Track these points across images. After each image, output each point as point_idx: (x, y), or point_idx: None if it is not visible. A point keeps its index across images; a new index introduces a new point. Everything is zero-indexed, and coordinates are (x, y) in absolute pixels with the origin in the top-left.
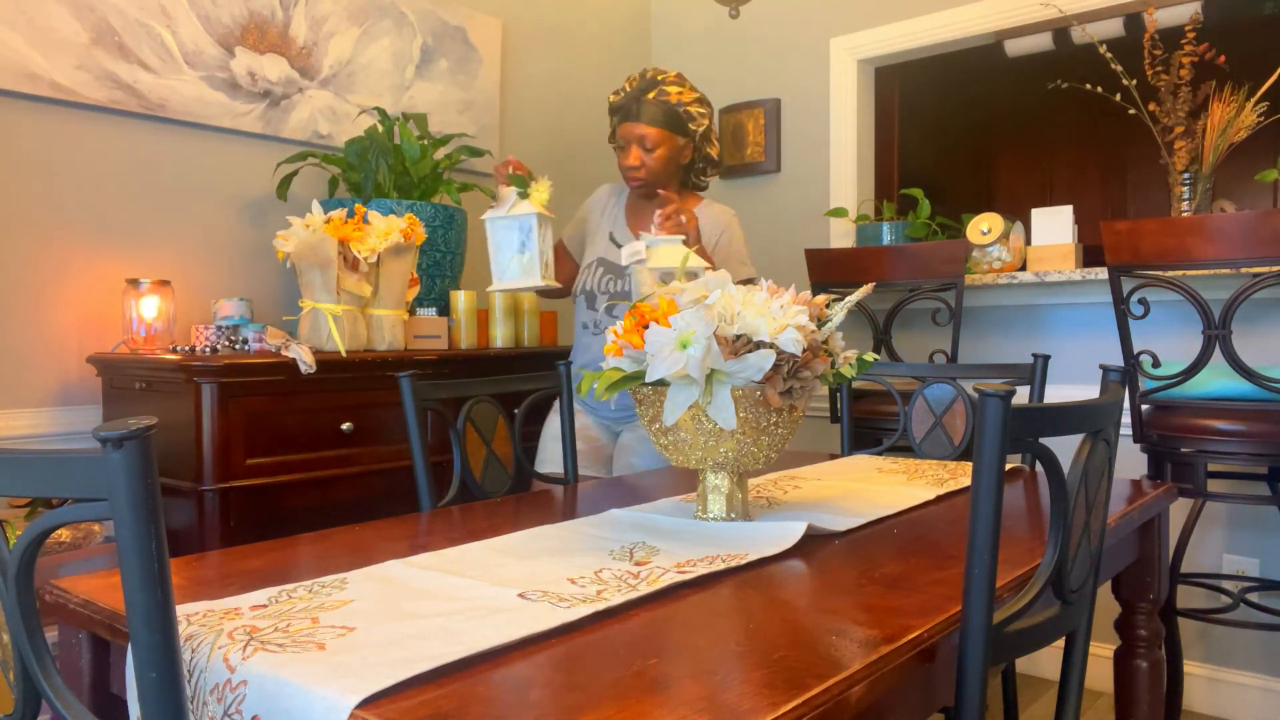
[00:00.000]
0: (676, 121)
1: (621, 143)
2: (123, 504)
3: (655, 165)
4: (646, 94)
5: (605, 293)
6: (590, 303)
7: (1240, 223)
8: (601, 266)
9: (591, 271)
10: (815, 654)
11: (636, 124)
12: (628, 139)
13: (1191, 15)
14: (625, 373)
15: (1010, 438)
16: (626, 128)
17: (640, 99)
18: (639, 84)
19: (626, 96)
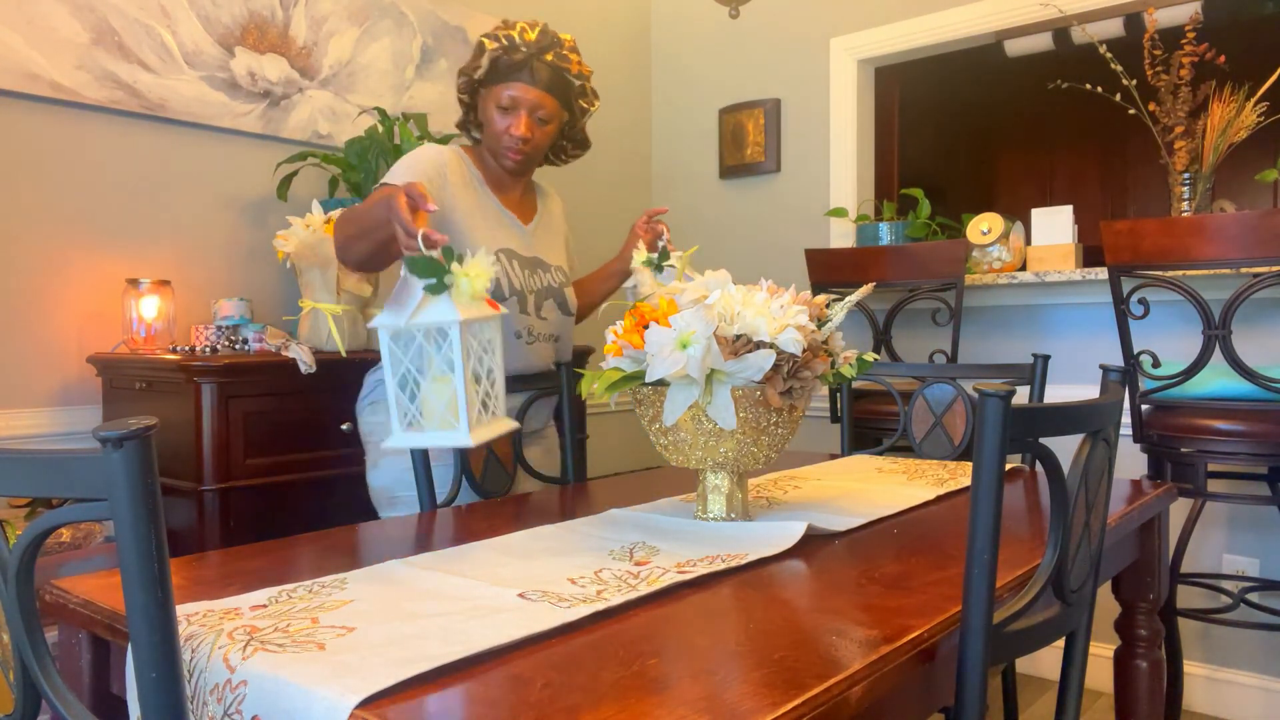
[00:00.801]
0: (572, 96)
1: (506, 104)
2: (123, 504)
3: (542, 141)
4: (546, 54)
5: (533, 290)
6: (523, 304)
7: (1240, 223)
8: (515, 259)
9: (506, 265)
10: (815, 654)
11: (532, 88)
12: (517, 103)
13: (1191, 15)
14: (625, 373)
15: (1010, 438)
16: (520, 89)
17: (539, 58)
18: (538, 40)
19: (525, 50)
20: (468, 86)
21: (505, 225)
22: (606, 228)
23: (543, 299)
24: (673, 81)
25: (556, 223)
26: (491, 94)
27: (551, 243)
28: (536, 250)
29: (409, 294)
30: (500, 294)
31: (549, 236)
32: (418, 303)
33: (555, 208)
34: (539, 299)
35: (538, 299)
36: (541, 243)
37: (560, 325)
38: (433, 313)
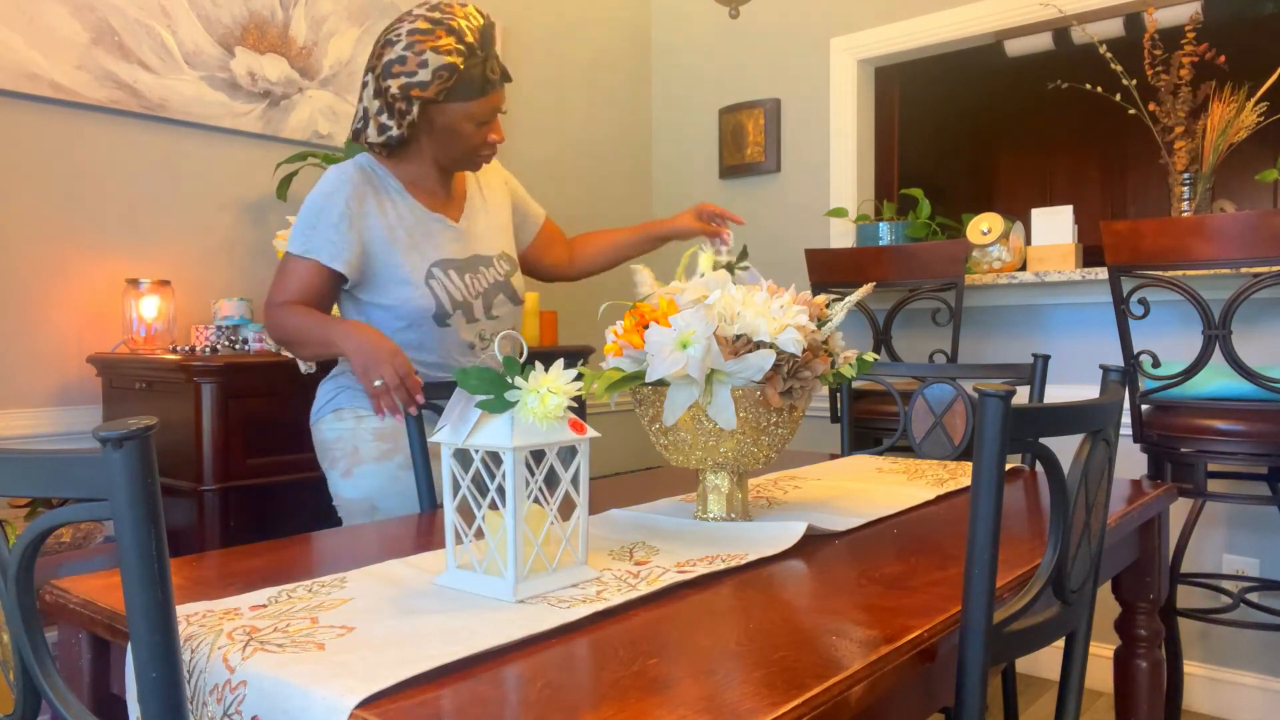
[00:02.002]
0: None
1: (485, 117)
2: (123, 504)
3: None
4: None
5: (479, 294)
6: (469, 314)
7: (1240, 223)
8: (451, 268)
9: (442, 280)
10: (815, 654)
11: (499, 90)
12: (494, 110)
13: (1191, 15)
14: (625, 373)
15: (1010, 438)
16: (495, 99)
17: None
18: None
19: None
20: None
21: (433, 232)
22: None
23: (491, 297)
24: (673, 81)
25: (494, 197)
26: (455, 109)
27: (489, 226)
28: (473, 246)
29: (467, 406)
30: (443, 312)
31: (485, 220)
32: (475, 419)
33: (490, 179)
34: (487, 299)
35: (485, 300)
36: (477, 234)
37: (513, 317)
38: (488, 434)
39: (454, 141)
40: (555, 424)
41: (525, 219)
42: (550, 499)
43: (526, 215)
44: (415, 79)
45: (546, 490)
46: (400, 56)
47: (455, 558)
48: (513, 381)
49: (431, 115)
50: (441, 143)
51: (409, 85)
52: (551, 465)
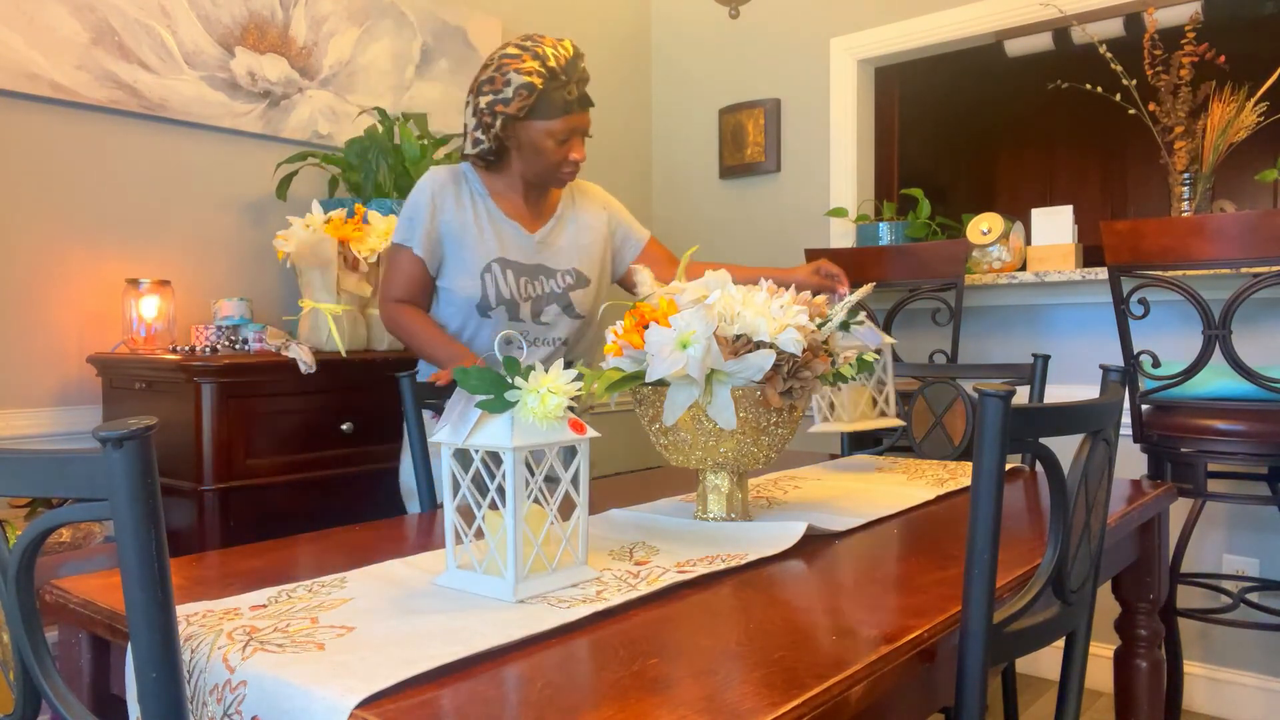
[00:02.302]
0: None
1: (564, 135)
2: (123, 504)
3: None
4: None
5: (529, 298)
6: (513, 312)
7: (1240, 223)
8: (509, 268)
9: (497, 276)
10: (815, 654)
11: (582, 114)
12: (574, 130)
13: (1191, 15)
14: (625, 373)
15: (1010, 438)
16: (576, 120)
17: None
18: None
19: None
20: (499, 120)
21: (505, 234)
22: None
23: (543, 304)
24: (673, 81)
25: (586, 220)
26: (539, 126)
27: (569, 245)
28: (542, 257)
29: (467, 406)
30: (486, 304)
31: (567, 238)
32: (475, 419)
33: (589, 205)
34: (536, 305)
35: (535, 305)
36: (553, 249)
37: (566, 329)
38: (488, 434)
39: (537, 157)
40: (555, 424)
41: (627, 239)
42: (550, 499)
43: (628, 236)
44: (500, 96)
45: (546, 490)
46: (490, 77)
47: (455, 558)
48: (513, 382)
49: (516, 131)
50: (527, 158)
51: (494, 101)
52: (551, 465)
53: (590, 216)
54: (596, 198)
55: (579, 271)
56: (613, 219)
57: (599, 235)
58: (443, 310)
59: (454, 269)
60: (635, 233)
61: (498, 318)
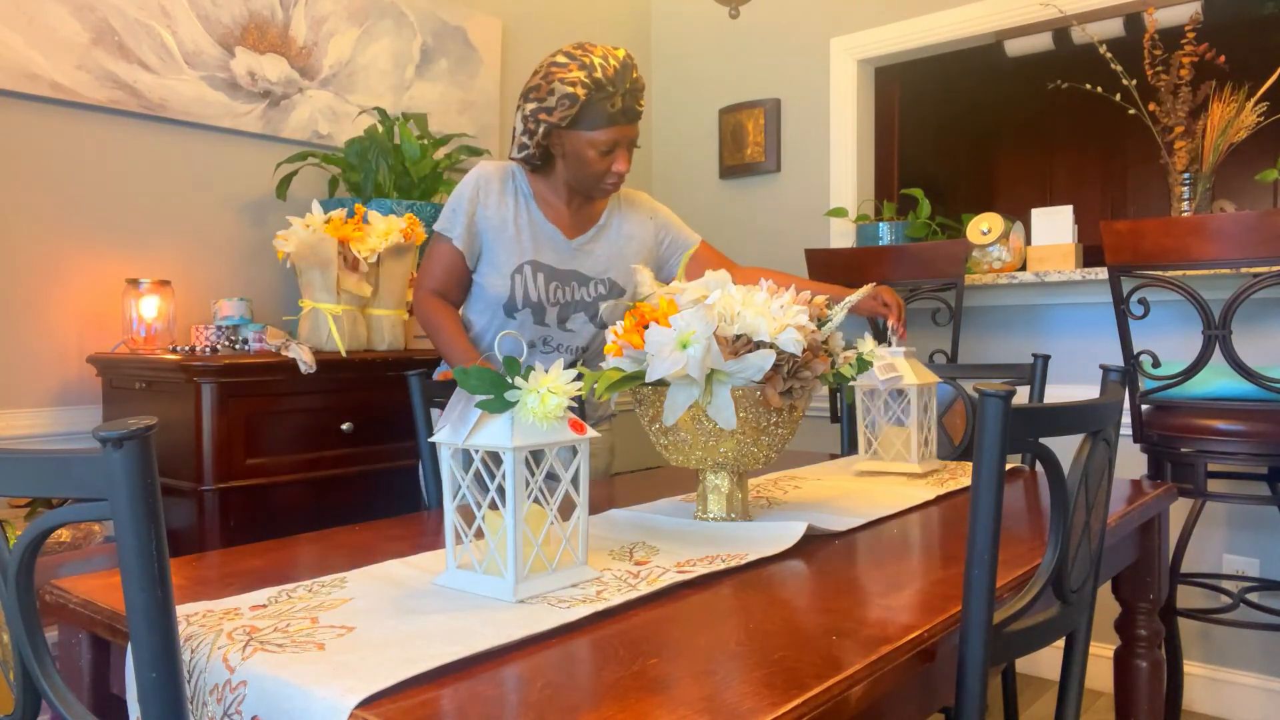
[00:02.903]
0: None
1: (607, 147)
2: (123, 504)
3: None
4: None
5: (557, 303)
6: (539, 316)
7: (1240, 223)
8: (541, 272)
9: (528, 278)
10: (815, 654)
11: (629, 126)
12: (619, 142)
13: (1191, 15)
14: (625, 373)
15: (1010, 438)
16: (620, 131)
17: (634, 96)
18: (633, 83)
19: (614, 91)
20: (541, 127)
21: (541, 238)
22: None
23: (570, 311)
24: (673, 81)
25: (631, 230)
26: (582, 136)
27: (608, 255)
28: (578, 264)
29: (467, 406)
30: (512, 304)
31: (607, 249)
32: (475, 419)
33: (635, 214)
34: (564, 311)
35: (562, 311)
36: (591, 257)
37: (590, 338)
38: (488, 434)
39: (580, 166)
40: (555, 424)
41: (675, 243)
42: (550, 499)
43: (676, 240)
44: (544, 104)
45: (546, 490)
46: (536, 84)
47: (455, 558)
48: (513, 382)
49: (560, 140)
50: (571, 166)
51: (538, 109)
52: (551, 465)
53: (634, 226)
54: (643, 207)
55: (613, 282)
56: (660, 227)
57: (642, 245)
58: (473, 305)
59: (488, 265)
60: (685, 237)
61: (523, 320)
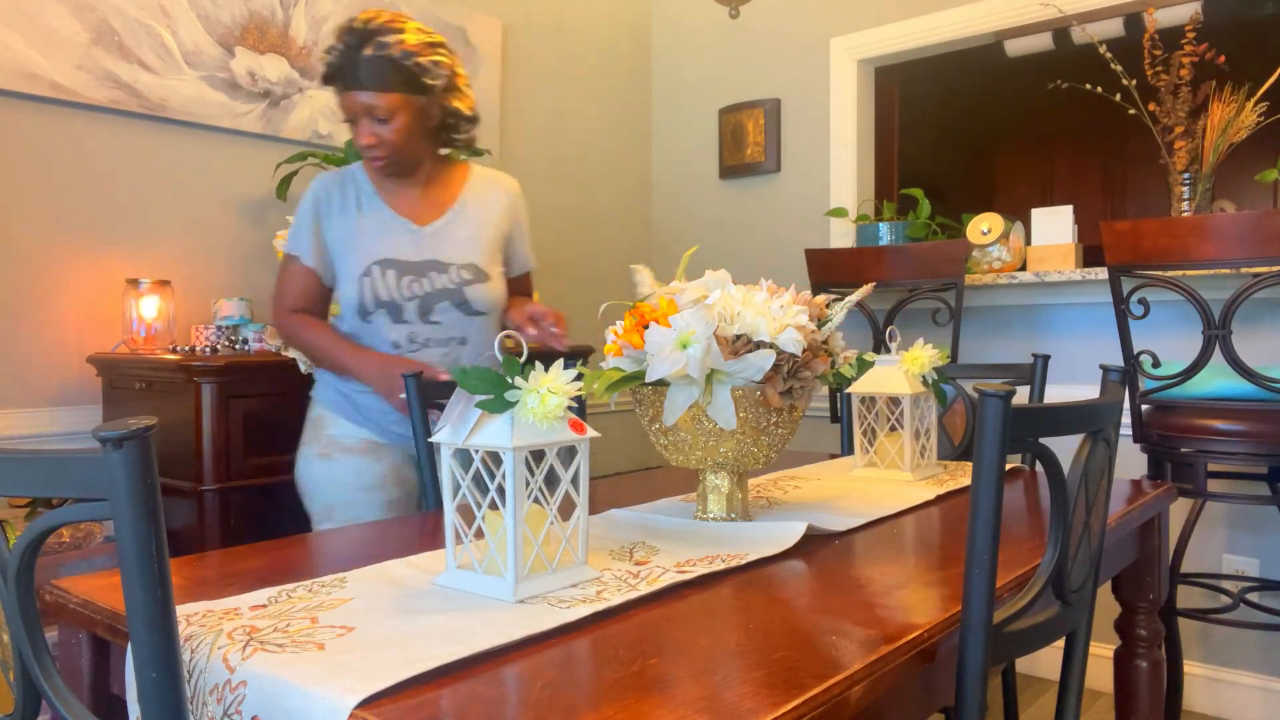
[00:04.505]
0: (409, 79)
1: (347, 115)
2: (123, 504)
3: (398, 139)
4: (362, 50)
5: (415, 297)
6: (396, 315)
7: (1240, 223)
8: (391, 269)
9: (376, 279)
10: (815, 654)
11: (360, 92)
12: (354, 112)
13: (1191, 15)
14: (625, 373)
15: (1010, 438)
16: (349, 99)
17: (357, 59)
18: (349, 37)
19: (339, 56)
20: None
21: (390, 233)
22: (606, 229)
23: (433, 302)
24: (673, 81)
25: (486, 214)
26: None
27: (465, 237)
28: (432, 251)
29: (467, 406)
30: (364, 309)
31: (462, 230)
32: (475, 419)
33: (496, 198)
34: (426, 304)
35: (423, 305)
36: (449, 241)
37: (463, 327)
38: (488, 434)
39: None
40: (555, 424)
41: (511, 260)
42: (550, 499)
43: (512, 258)
44: None
45: (546, 490)
46: None
47: (455, 558)
48: (513, 382)
49: None
50: None
51: None
52: (551, 465)
53: (492, 210)
54: (506, 193)
55: (476, 266)
56: (514, 226)
57: (498, 232)
58: (338, 319)
59: (339, 276)
60: (521, 257)
61: (379, 321)
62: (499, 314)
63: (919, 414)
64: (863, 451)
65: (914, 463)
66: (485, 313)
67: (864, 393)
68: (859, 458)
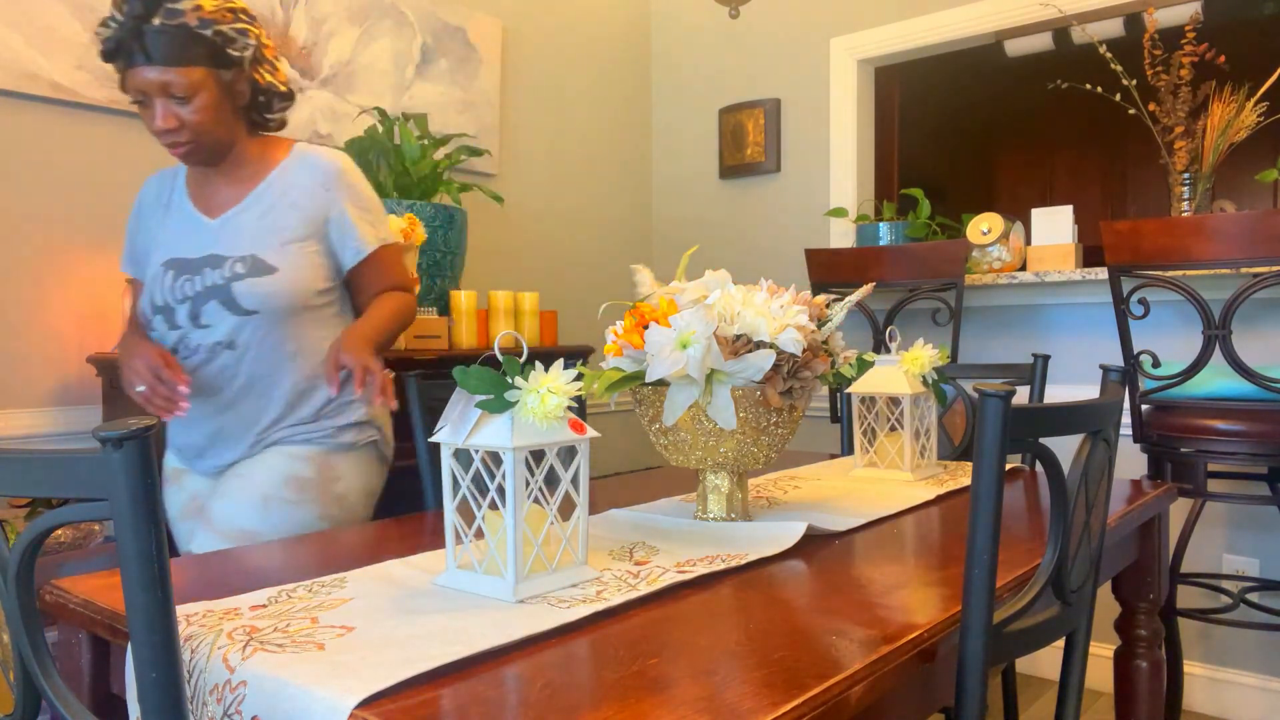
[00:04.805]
0: (211, 51)
1: (135, 96)
2: (123, 504)
3: (201, 120)
4: (150, 19)
5: (186, 299)
6: (170, 319)
7: (1240, 223)
8: (172, 269)
9: (158, 281)
10: (815, 654)
11: (151, 68)
12: (145, 91)
13: (1191, 15)
14: (625, 373)
15: (1010, 438)
16: (137, 76)
17: (143, 30)
18: (131, 5)
19: (120, 28)
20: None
21: (181, 230)
22: (606, 230)
23: (201, 304)
24: (673, 81)
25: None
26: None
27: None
28: (217, 246)
29: (467, 406)
30: (145, 317)
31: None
32: (475, 419)
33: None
34: (195, 306)
35: (194, 306)
36: (235, 233)
37: (231, 330)
38: (488, 434)
39: None
40: (555, 424)
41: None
42: (550, 499)
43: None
44: None
45: (546, 490)
46: None
47: (455, 558)
48: (513, 382)
49: None
50: None
51: None
52: (551, 465)
53: (298, 194)
54: (318, 171)
55: (257, 258)
56: (332, 206)
57: (306, 218)
58: None
59: None
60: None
61: (159, 328)
62: (289, 314)
63: (919, 414)
64: (863, 451)
65: (914, 463)
66: (257, 311)
67: (864, 393)
68: (859, 458)
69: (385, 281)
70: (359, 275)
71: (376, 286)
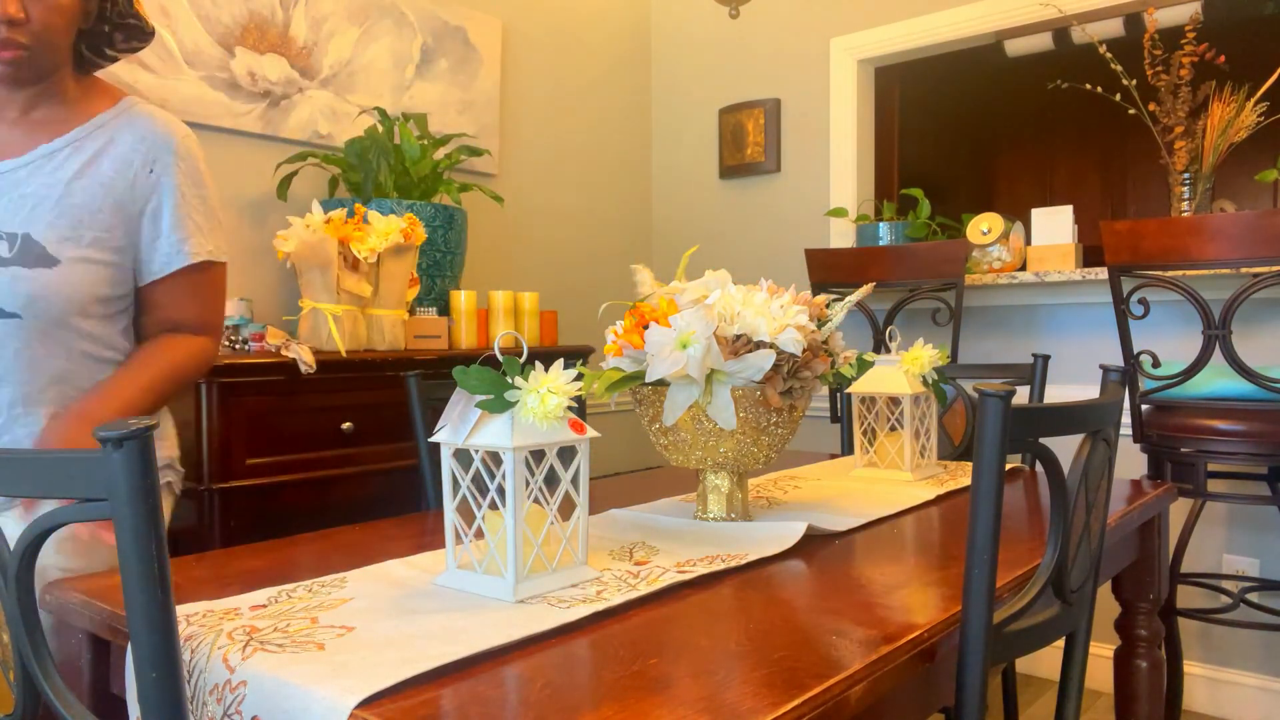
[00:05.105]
0: None
1: None
2: (123, 504)
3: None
4: None
5: None
6: None
7: (1240, 223)
8: None
9: None
10: (815, 654)
11: None
12: None
13: (1191, 15)
14: (625, 373)
15: (1010, 438)
16: None
17: None
18: None
19: None
20: None
21: None
22: (606, 230)
23: None
24: (673, 81)
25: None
26: None
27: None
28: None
29: (467, 406)
30: None
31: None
32: (475, 419)
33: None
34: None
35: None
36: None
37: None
38: (488, 434)
39: None
40: (555, 424)
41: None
42: (550, 499)
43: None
44: None
45: (546, 490)
46: None
47: (455, 558)
48: (513, 382)
49: None
50: None
51: None
52: (551, 465)
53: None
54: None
55: (33, 241)
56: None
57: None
58: None
59: None
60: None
61: None
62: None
63: (919, 414)
64: (863, 451)
65: (914, 463)
66: (16, 314)
67: (864, 393)
68: (859, 458)
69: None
70: (158, 292)
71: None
